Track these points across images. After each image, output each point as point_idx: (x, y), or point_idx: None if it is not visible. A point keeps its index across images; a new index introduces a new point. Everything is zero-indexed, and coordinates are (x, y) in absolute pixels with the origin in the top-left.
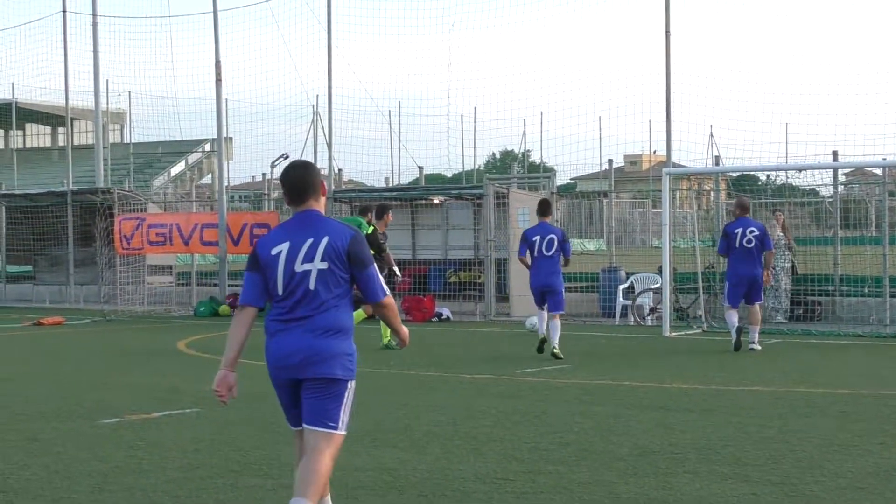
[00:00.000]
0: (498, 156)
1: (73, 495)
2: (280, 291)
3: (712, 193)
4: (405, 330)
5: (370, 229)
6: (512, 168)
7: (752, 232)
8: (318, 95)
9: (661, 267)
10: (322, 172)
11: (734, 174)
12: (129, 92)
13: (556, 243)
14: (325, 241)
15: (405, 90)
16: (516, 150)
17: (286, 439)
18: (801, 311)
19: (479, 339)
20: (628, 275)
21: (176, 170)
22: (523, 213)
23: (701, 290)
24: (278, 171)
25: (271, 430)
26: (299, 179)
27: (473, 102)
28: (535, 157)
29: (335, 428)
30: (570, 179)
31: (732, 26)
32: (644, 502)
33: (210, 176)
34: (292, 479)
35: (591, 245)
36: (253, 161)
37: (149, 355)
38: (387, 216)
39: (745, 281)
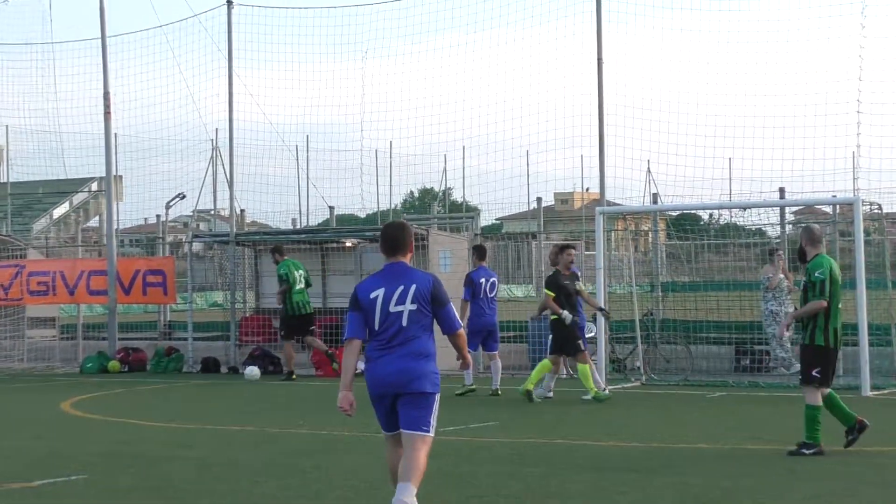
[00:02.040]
0: (416, 194)
1: None
2: (377, 327)
3: (651, 234)
4: (470, 358)
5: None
6: (432, 207)
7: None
8: (217, 129)
9: (595, 315)
10: (221, 213)
11: (674, 213)
12: (7, 126)
13: (496, 286)
14: (413, 287)
15: (314, 123)
16: (436, 188)
17: (184, 503)
18: (747, 362)
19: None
20: None
21: (59, 211)
22: (445, 255)
23: (640, 340)
24: (174, 213)
25: (166, 494)
26: (397, 238)
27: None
28: (456, 196)
29: (427, 431)
30: (496, 220)
31: (669, 56)
32: None
33: (98, 218)
34: None
35: (518, 291)
36: (145, 202)
37: (28, 417)
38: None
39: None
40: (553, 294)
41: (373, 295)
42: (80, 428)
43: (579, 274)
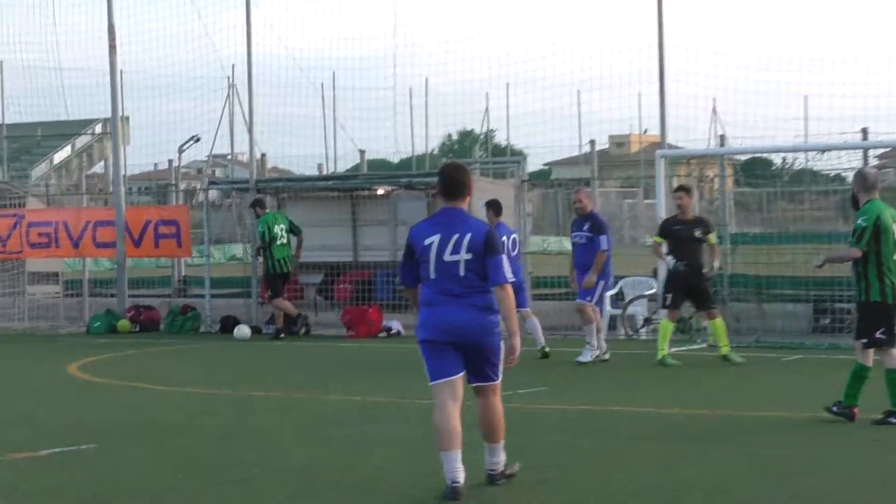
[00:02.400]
0: (455, 137)
1: None
2: (432, 275)
3: (717, 180)
4: (517, 323)
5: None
6: (473, 152)
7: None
8: (234, 65)
9: (656, 269)
10: (239, 158)
11: (743, 157)
12: (1, 61)
13: (517, 243)
14: (468, 236)
15: (342, 58)
16: (477, 130)
17: (204, 478)
18: (827, 322)
19: None
20: (617, 279)
21: (60, 156)
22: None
23: None
24: (187, 158)
25: (185, 467)
26: (457, 181)
27: (424, 72)
28: (500, 139)
29: (496, 379)
30: (544, 165)
31: None
32: None
33: (103, 163)
34: None
35: (570, 244)
36: (155, 145)
37: (32, 382)
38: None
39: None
40: (661, 240)
41: (427, 241)
42: (89, 393)
43: (709, 220)
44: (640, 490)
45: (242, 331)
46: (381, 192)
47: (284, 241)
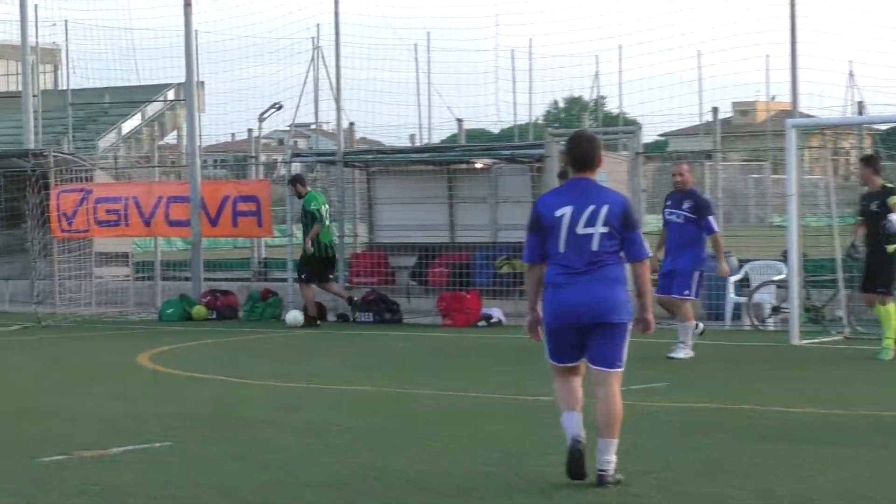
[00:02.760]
0: (562, 104)
1: None
2: (562, 249)
3: (853, 153)
4: (650, 300)
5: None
6: (581, 120)
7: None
8: (319, 25)
9: (785, 252)
10: (324, 127)
11: (883, 126)
12: (66, 21)
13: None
14: (605, 208)
15: (437, 17)
16: (586, 97)
17: (288, 479)
18: None
19: (539, 348)
20: (741, 263)
21: (130, 125)
22: (601, 179)
23: (841, 284)
24: (268, 127)
25: (267, 468)
26: (588, 153)
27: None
28: (611, 106)
29: (621, 367)
30: (660, 136)
31: None
32: None
33: (176, 133)
34: None
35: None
36: (233, 113)
37: (100, 373)
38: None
39: None
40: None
41: (558, 213)
42: (162, 386)
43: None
44: (767, 498)
45: (294, 316)
46: (479, 165)
47: (328, 222)
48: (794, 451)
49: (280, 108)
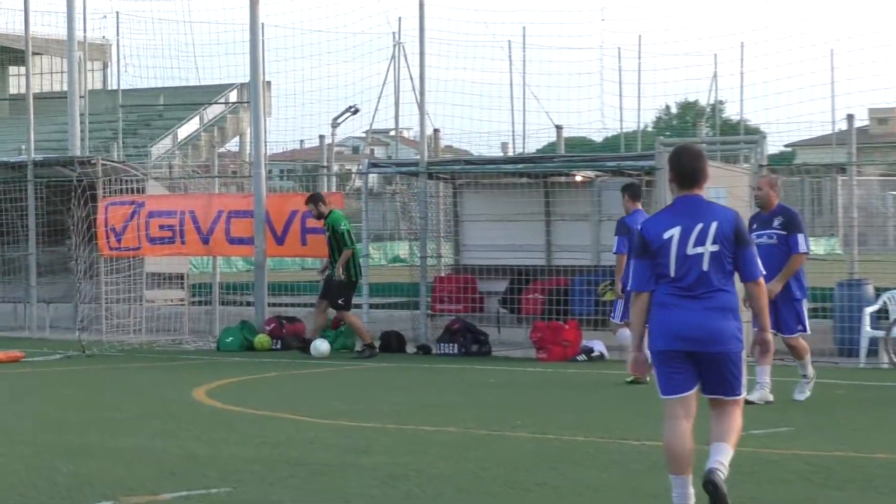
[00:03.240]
0: (674, 110)
1: None
2: (673, 273)
3: None
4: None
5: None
6: (697, 128)
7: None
8: (401, 18)
9: None
10: (405, 134)
11: None
12: (118, 13)
13: None
14: (714, 225)
15: (534, 10)
16: (702, 102)
17: None
18: None
19: (645, 389)
20: (879, 292)
21: (187, 130)
22: (718, 194)
23: None
24: (342, 133)
25: None
26: (695, 168)
27: (638, 30)
28: (730, 113)
29: (741, 394)
30: (786, 146)
31: None
32: None
33: (238, 140)
34: None
35: (819, 246)
36: (302, 118)
37: (152, 409)
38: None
39: None
40: None
41: (667, 235)
42: (221, 424)
43: None
44: None
45: (320, 348)
46: (580, 178)
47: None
48: None
49: (356, 111)
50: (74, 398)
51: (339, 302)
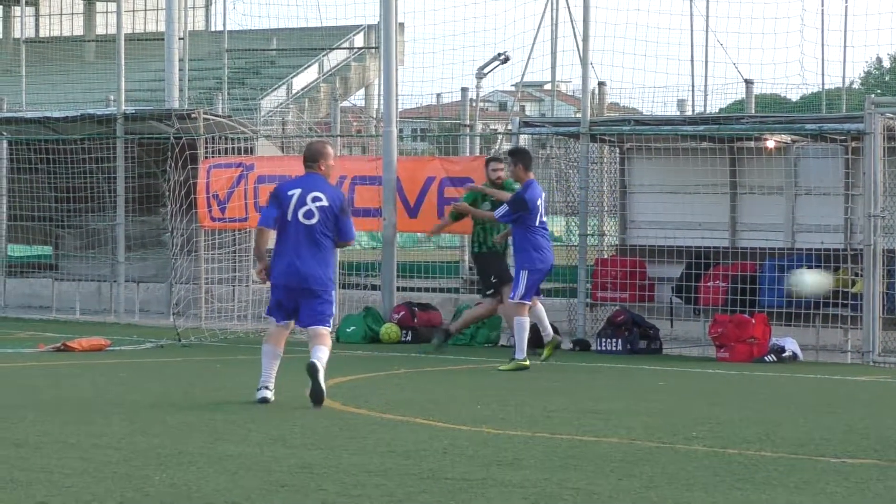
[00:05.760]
0: (887, 63)
1: None
2: None
3: None
4: None
5: None
6: None
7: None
8: None
9: None
10: (563, 88)
11: None
12: None
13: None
14: None
15: None
16: None
17: None
18: None
19: (847, 393)
20: None
21: (303, 80)
22: None
23: None
24: (488, 86)
25: None
26: None
27: None
28: None
29: None
30: None
31: None
32: None
33: (364, 93)
34: None
35: None
36: (441, 67)
37: (258, 409)
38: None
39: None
40: None
41: None
42: (339, 429)
43: None
44: None
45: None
46: (772, 144)
47: None
48: None
49: (506, 60)
50: (168, 395)
51: (493, 280)
